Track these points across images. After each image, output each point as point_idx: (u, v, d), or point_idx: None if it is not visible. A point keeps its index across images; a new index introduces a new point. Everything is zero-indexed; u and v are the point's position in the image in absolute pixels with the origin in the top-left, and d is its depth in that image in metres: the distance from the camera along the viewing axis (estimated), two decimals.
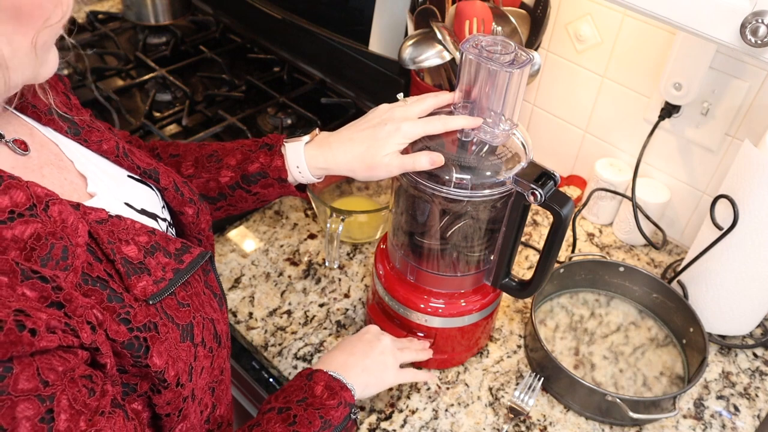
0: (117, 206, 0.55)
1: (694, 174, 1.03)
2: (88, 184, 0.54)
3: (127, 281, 0.49)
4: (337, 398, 0.68)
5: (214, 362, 0.59)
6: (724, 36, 0.62)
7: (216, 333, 0.58)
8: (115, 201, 0.56)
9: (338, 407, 0.68)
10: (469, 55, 0.68)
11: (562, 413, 0.85)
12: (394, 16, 1.13)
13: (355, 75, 1.30)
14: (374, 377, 0.75)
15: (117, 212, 0.53)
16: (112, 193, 0.56)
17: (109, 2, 1.66)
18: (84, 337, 0.42)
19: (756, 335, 0.97)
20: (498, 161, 0.72)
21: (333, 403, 0.67)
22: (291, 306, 0.96)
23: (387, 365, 0.77)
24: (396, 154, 0.72)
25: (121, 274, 0.49)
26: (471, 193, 0.70)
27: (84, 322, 0.42)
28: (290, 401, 0.67)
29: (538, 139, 1.21)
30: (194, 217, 0.68)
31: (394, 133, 0.72)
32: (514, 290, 0.82)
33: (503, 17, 1.00)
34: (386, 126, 0.72)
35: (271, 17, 1.37)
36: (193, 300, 0.55)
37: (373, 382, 0.75)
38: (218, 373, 0.61)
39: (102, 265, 0.48)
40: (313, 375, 0.70)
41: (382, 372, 0.77)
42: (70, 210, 0.46)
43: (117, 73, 1.39)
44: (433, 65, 0.98)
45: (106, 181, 0.57)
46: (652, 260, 1.08)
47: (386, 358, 0.77)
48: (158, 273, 0.52)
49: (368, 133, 0.74)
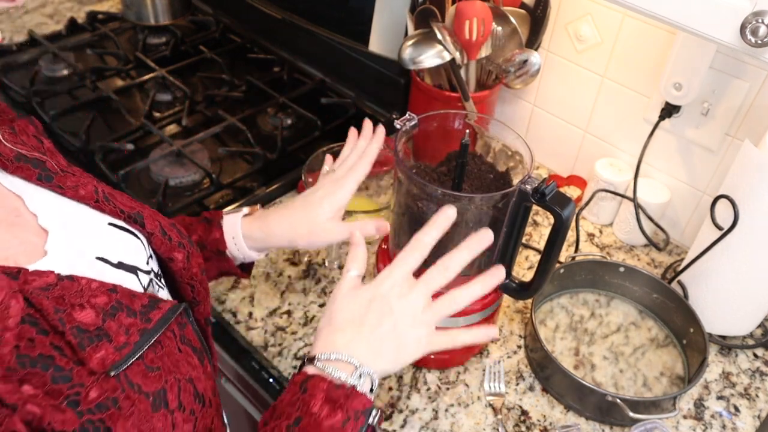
0: (82, 263, 0.49)
1: (694, 174, 1.03)
2: (47, 241, 0.48)
3: (80, 354, 0.42)
4: (341, 413, 0.53)
5: (198, 425, 0.51)
6: (724, 36, 0.62)
7: (197, 393, 0.51)
8: (81, 257, 0.50)
9: (345, 426, 0.53)
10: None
11: (562, 413, 0.85)
12: (394, 16, 1.13)
13: (355, 75, 1.30)
14: (393, 362, 0.60)
15: (79, 270, 0.47)
16: (80, 247, 0.50)
17: (109, 2, 1.66)
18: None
19: (756, 335, 0.97)
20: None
21: (336, 423, 0.53)
22: (291, 306, 0.96)
23: (409, 345, 0.60)
24: (337, 219, 0.73)
25: (73, 346, 0.42)
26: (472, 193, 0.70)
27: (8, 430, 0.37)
28: (278, 427, 0.54)
29: (538, 139, 1.21)
30: (184, 263, 0.61)
31: (327, 196, 0.73)
32: (514, 291, 0.82)
33: (503, 17, 1.00)
34: (317, 191, 0.74)
35: (271, 17, 1.37)
36: (165, 361, 0.48)
37: (396, 365, 0.60)
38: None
39: (48, 338, 0.42)
40: (308, 383, 0.56)
41: (403, 353, 0.60)
42: (2, 284, 0.41)
43: (117, 73, 1.39)
44: (433, 65, 0.98)
45: (75, 235, 0.51)
46: (653, 260, 1.08)
47: (407, 332, 0.60)
48: (121, 338, 0.45)
49: (301, 201, 0.76)
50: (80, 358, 0.42)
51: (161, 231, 0.60)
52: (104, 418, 0.42)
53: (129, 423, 0.43)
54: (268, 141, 1.22)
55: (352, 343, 0.59)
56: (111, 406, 0.43)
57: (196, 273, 0.63)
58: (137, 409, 0.44)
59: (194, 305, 0.64)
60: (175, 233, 0.62)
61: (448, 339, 0.64)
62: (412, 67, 0.98)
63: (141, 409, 0.45)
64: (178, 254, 0.61)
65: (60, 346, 0.42)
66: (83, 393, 0.41)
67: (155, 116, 1.27)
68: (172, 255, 0.60)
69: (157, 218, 0.61)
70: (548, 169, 1.24)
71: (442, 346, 0.63)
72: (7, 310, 0.40)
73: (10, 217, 0.48)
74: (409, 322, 0.60)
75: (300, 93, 1.33)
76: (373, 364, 0.58)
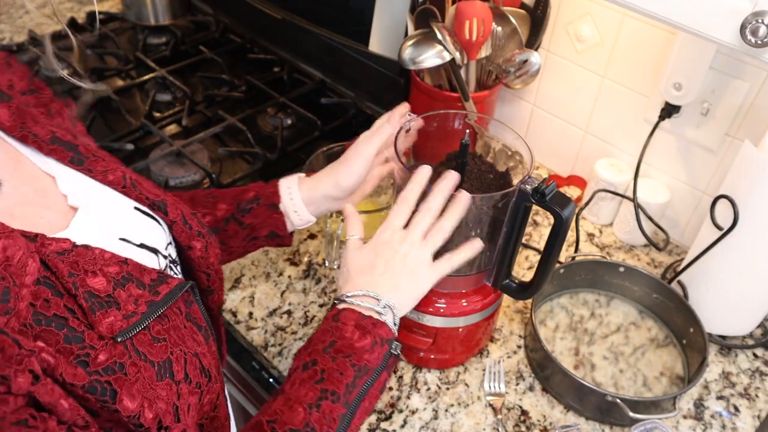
0: (104, 240, 0.52)
1: (694, 174, 1.03)
2: (73, 219, 0.51)
3: (91, 317, 0.45)
4: (370, 337, 0.61)
5: (204, 398, 0.54)
6: (724, 36, 0.62)
7: (203, 367, 0.53)
8: (104, 235, 0.52)
9: (373, 348, 0.61)
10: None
11: (562, 413, 0.86)
12: (394, 17, 1.13)
13: (355, 75, 1.30)
14: (409, 291, 0.67)
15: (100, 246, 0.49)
16: (105, 227, 0.53)
17: (109, 2, 1.66)
18: (16, 387, 0.38)
19: (756, 335, 0.97)
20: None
21: (366, 345, 0.60)
22: (291, 306, 0.96)
23: (418, 270, 0.68)
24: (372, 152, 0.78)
25: (84, 309, 0.45)
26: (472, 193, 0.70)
27: (23, 371, 0.38)
28: (316, 351, 0.61)
29: (538, 139, 1.21)
30: (203, 251, 0.65)
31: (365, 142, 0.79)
32: (514, 291, 0.82)
33: (503, 17, 1.00)
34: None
35: (271, 17, 1.37)
36: (171, 334, 0.51)
37: (410, 297, 0.67)
38: (209, 409, 0.56)
39: (63, 300, 0.44)
40: (340, 315, 0.63)
41: (416, 280, 0.68)
42: (19, 245, 0.42)
43: (117, 74, 1.39)
44: (433, 65, 0.98)
45: (101, 215, 0.54)
46: (653, 260, 1.08)
47: (415, 260, 0.67)
48: (129, 307, 0.48)
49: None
50: (90, 321, 0.44)
51: (183, 220, 0.62)
52: (111, 381, 0.44)
53: (134, 388, 0.45)
54: (268, 141, 1.23)
55: (371, 283, 0.66)
56: (118, 371, 0.45)
57: (212, 262, 0.66)
58: (142, 376, 0.46)
59: (208, 293, 0.68)
60: (195, 223, 0.65)
61: (447, 262, 0.70)
62: (412, 67, 0.98)
63: (146, 376, 0.47)
64: (197, 243, 0.64)
65: (73, 309, 0.44)
66: (93, 355, 0.43)
67: (155, 116, 1.27)
68: (191, 243, 0.63)
69: (180, 207, 0.64)
70: (548, 169, 1.24)
71: (445, 270, 0.70)
72: (24, 268, 0.42)
73: (39, 196, 0.50)
74: (414, 254, 0.67)
75: (300, 93, 1.33)
76: (394, 297, 0.65)
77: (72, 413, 0.41)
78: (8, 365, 0.37)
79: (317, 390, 0.58)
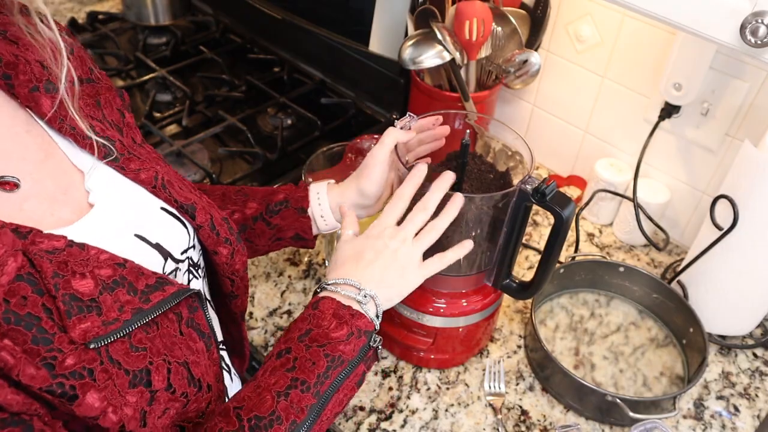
0: (115, 237, 0.52)
1: (694, 174, 1.03)
2: (86, 214, 0.51)
3: (65, 321, 0.44)
4: (346, 328, 0.59)
5: (189, 406, 0.53)
6: (724, 36, 0.62)
7: (192, 377, 0.52)
8: (117, 232, 0.53)
9: (349, 339, 0.59)
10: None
11: (562, 413, 0.86)
12: (394, 17, 1.13)
13: (355, 75, 1.30)
14: (395, 287, 0.66)
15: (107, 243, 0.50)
16: (121, 223, 0.54)
17: (109, 2, 1.66)
18: None
19: (756, 335, 0.97)
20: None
21: (341, 335, 0.59)
22: (291, 306, 0.96)
23: (408, 266, 0.67)
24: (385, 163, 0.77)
25: (61, 312, 0.44)
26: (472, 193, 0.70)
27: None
28: (291, 339, 0.60)
29: (538, 139, 1.21)
30: (228, 258, 0.65)
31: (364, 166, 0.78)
32: (514, 291, 0.82)
33: (503, 17, 1.00)
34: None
35: (271, 17, 1.37)
36: (155, 343, 0.50)
37: (395, 293, 0.67)
38: (195, 416, 0.55)
39: (42, 299, 0.44)
40: (320, 303, 0.62)
41: (404, 276, 0.67)
42: (3, 242, 0.42)
43: (117, 74, 1.39)
44: (433, 65, 0.98)
45: (121, 212, 0.54)
46: (652, 260, 1.08)
47: (406, 257, 0.67)
48: (112, 314, 0.47)
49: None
50: (64, 325, 0.44)
51: (210, 225, 0.63)
52: (76, 385, 0.44)
53: (101, 394, 0.45)
54: (268, 141, 1.23)
55: (355, 273, 0.65)
56: (86, 376, 0.44)
57: (238, 269, 0.67)
58: (113, 383, 0.46)
59: (232, 298, 0.68)
60: (224, 229, 0.65)
61: (438, 261, 0.70)
62: (412, 67, 0.98)
63: (117, 383, 0.46)
64: (224, 249, 0.64)
65: (51, 309, 0.44)
66: (60, 358, 0.43)
67: (155, 116, 1.27)
68: (217, 249, 0.64)
69: (211, 211, 0.64)
70: (548, 169, 1.24)
71: (434, 269, 0.69)
72: (2, 267, 0.42)
73: (59, 192, 0.51)
74: (405, 251, 0.67)
75: (300, 93, 1.33)
76: (378, 289, 0.64)
77: (21, 407, 0.41)
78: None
79: (287, 378, 0.57)
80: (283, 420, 0.55)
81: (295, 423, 0.55)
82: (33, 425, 0.42)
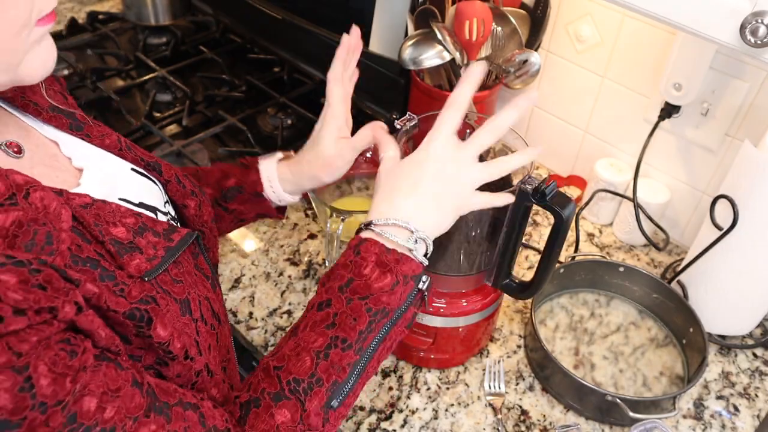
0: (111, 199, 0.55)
1: (694, 174, 1.03)
2: (81, 177, 0.54)
3: (119, 260, 0.49)
4: (391, 276, 0.55)
5: (219, 340, 0.57)
6: (724, 36, 0.62)
7: (214, 311, 0.57)
8: (108, 194, 0.55)
9: (394, 289, 0.55)
10: None
11: (562, 413, 0.86)
12: (394, 17, 1.13)
13: None
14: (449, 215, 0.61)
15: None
16: (107, 188, 0.56)
17: (109, 2, 1.66)
18: (62, 315, 0.41)
19: (756, 335, 0.97)
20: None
21: (385, 285, 0.55)
22: (291, 306, 0.96)
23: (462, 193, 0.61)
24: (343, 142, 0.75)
25: (113, 253, 0.48)
26: None
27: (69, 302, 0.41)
28: (332, 289, 0.56)
29: (538, 139, 1.21)
30: (196, 209, 0.68)
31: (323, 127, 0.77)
32: (514, 291, 0.82)
33: (503, 17, 1.00)
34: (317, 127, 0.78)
35: (271, 17, 1.37)
36: (185, 278, 0.55)
37: (449, 221, 0.61)
38: (225, 352, 0.59)
39: (91, 246, 0.48)
40: (361, 247, 0.57)
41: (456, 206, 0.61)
42: (52, 196, 0.46)
43: (117, 74, 1.39)
44: (433, 65, 0.98)
45: (102, 176, 0.57)
46: (652, 260, 1.08)
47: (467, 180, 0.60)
48: (150, 251, 0.51)
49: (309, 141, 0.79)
50: (120, 263, 0.49)
51: (176, 179, 0.66)
52: (148, 309, 0.48)
53: (166, 318, 0.49)
54: (268, 141, 1.23)
55: (405, 207, 0.59)
56: (151, 302, 0.49)
57: (206, 220, 0.69)
58: (171, 309, 0.51)
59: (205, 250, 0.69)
60: (188, 182, 0.68)
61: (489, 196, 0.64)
62: (412, 67, 0.98)
63: (173, 310, 0.51)
64: (191, 201, 0.67)
65: (102, 254, 0.48)
66: (126, 290, 0.48)
67: (155, 116, 1.27)
68: (186, 202, 0.67)
69: (173, 169, 0.67)
70: (548, 169, 1.24)
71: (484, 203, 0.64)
72: (59, 216, 0.46)
73: (51, 160, 0.54)
74: (466, 173, 0.60)
75: (300, 93, 1.33)
76: (431, 221, 0.59)
77: (107, 341, 0.45)
78: (56, 296, 0.40)
79: (327, 337, 0.54)
80: (323, 382, 0.53)
81: (336, 383, 0.54)
82: (121, 363, 0.45)
